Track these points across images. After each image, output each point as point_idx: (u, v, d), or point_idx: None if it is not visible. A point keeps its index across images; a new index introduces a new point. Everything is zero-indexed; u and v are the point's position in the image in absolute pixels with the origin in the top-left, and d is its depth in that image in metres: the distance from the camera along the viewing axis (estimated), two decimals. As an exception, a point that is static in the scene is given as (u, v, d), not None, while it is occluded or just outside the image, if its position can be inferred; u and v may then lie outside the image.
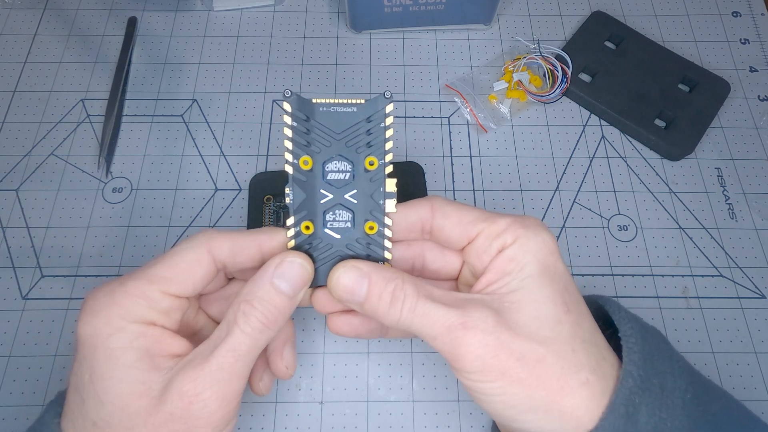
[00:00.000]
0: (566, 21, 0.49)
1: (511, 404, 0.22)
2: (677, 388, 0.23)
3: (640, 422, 0.22)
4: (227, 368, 0.22)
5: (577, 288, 0.24)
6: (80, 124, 0.44)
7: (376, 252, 0.25)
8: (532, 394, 0.22)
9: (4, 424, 0.34)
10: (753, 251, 0.40)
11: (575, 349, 0.22)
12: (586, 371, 0.22)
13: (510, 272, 0.23)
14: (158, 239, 0.39)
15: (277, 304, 0.23)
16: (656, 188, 0.42)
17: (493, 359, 0.22)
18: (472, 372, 0.22)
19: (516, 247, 0.24)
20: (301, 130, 0.25)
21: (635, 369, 0.22)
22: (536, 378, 0.22)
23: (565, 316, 0.23)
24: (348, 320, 0.26)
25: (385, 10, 0.45)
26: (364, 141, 0.25)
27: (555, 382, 0.22)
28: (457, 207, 0.25)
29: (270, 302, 0.23)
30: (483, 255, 0.24)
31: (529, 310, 0.23)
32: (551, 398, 0.22)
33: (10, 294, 0.37)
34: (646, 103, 0.44)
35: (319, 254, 0.25)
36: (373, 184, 0.25)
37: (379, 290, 0.23)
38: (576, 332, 0.23)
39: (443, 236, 0.26)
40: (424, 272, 0.27)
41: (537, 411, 0.22)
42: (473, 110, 0.44)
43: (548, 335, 0.22)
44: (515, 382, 0.22)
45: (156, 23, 0.48)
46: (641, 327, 0.24)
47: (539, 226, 0.24)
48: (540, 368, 0.22)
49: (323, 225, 0.25)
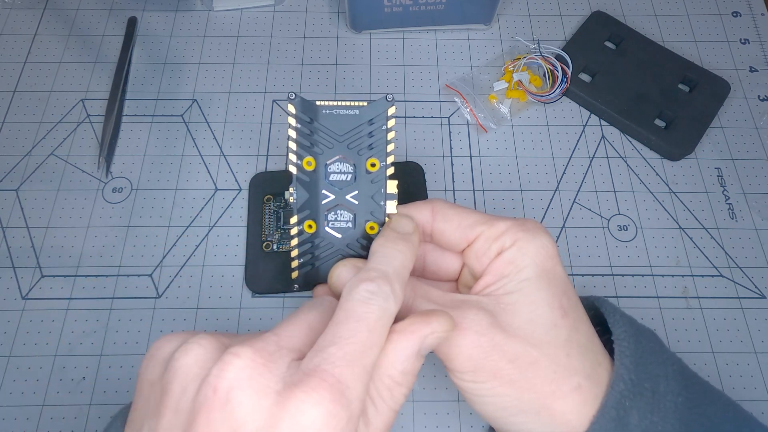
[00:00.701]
0: (566, 21, 0.49)
1: (502, 406, 0.22)
2: (670, 392, 0.23)
3: (631, 425, 0.22)
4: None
5: (575, 293, 0.24)
6: (80, 124, 0.44)
7: None
8: (523, 396, 0.22)
9: (4, 424, 0.34)
10: (753, 251, 0.40)
11: (570, 353, 0.22)
12: (580, 376, 0.22)
13: (508, 275, 0.23)
14: (158, 239, 0.39)
15: (417, 372, 0.22)
16: (656, 188, 0.42)
17: (486, 360, 0.22)
18: (464, 372, 0.22)
19: (514, 250, 0.24)
20: (304, 131, 0.25)
21: (626, 373, 0.22)
22: (528, 380, 0.22)
23: (562, 320, 0.23)
24: None
25: (385, 10, 0.45)
26: (366, 143, 0.25)
27: (547, 386, 0.22)
28: (458, 210, 0.25)
29: (413, 373, 0.21)
30: (482, 257, 0.24)
31: (524, 313, 0.23)
32: (542, 401, 0.22)
33: (10, 294, 0.37)
34: (646, 103, 0.44)
35: (321, 252, 0.26)
36: (374, 185, 0.26)
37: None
38: (572, 337, 0.23)
39: (443, 238, 0.26)
40: (424, 273, 0.27)
41: (527, 413, 0.22)
42: (473, 110, 0.44)
43: (543, 338, 0.22)
44: (506, 383, 0.22)
45: (156, 23, 0.48)
46: (635, 330, 0.24)
47: (539, 229, 0.24)
48: (532, 371, 0.22)
49: (325, 224, 0.26)
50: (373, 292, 0.20)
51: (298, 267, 0.26)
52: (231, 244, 0.39)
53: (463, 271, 0.27)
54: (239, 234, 0.40)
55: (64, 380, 0.35)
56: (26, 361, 0.36)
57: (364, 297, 0.20)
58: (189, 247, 0.39)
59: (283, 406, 0.18)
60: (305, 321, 0.21)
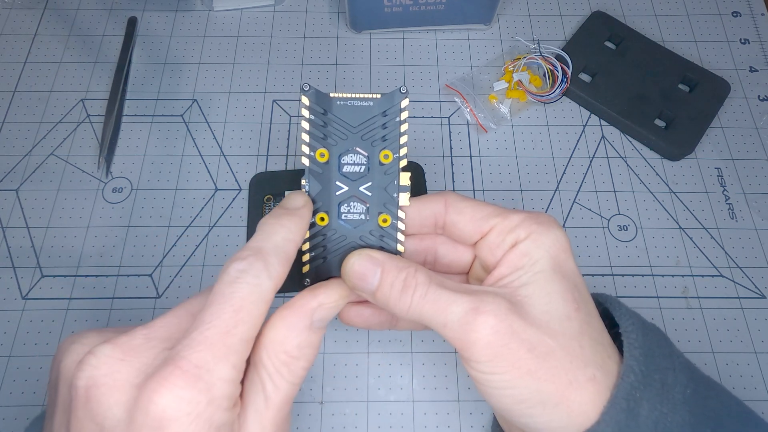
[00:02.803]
0: (566, 21, 0.49)
1: (521, 398, 0.22)
2: (678, 384, 0.23)
3: (641, 416, 0.22)
4: (284, 415, 0.22)
5: (587, 287, 0.24)
6: (80, 124, 0.44)
7: (389, 244, 0.25)
8: (542, 387, 0.22)
9: (4, 424, 0.34)
10: (753, 251, 0.40)
11: (583, 345, 0.23)
12: (593, 367, 0.22)
13: (522, 266, 0.23)
14: (158, 239, 0.39)
15: (316, 343, 0.23)
16: (656, 188, 0.42)
17: (504, 348, 0.22)
18: (481, 362, 0.22)
19: (529, 242, 0.24)
20: (318, 123, 0.25)
21: (636, 364, 0.22)
22: (547, 371, 0.22)
23: (575, 313, 0.23)
24: (359, 311, 0.27)
25: (385, 10, 0.45)
26: (379, 135, 0.25)
27: (564, 376, 0.22)
28: (471, 203, 0.26)
29: (310, 347, 0.22)
30: (496, 249, 0.24)
31: (540, 304, 0.23)
32: (561, 392, 0.22)
33: (10, 294, 0.37)
34: (646, 103, 0.44)
35: (333, 245, 0.26)
36: (387, 177, 0.26)
37: (391, 278, 0.23)
38: (584, 329, 0.23)
39: (456, 231, 0.26)
40: (435, 266, 0.28)
41: (546, 405, 0.22)
42: (473, 110, 0.44)
43: (558, 329, 0.22)
44: (525, 374, 0.22)
45: (156, 23, 0.48)
46: (642, 324, 0.24)
47: (553, 223, 0.24)
48: (550, 361, 0.22)
49: (338, 216, 0.25)
50: (242, 270, 0.20)
51: (309, 261, 0.26)
52: (231, 244, 0.39)
53: (474, 265, 0.27)
54: (239, 234, 0.40)
55: (64, 380, 0.35)
56: (26, 361, 0.36)
57: (232, 277, 0.20)
58: (189, 247, 0.39)
59: (139, 397, 0.18)
60: (186, 309, 0.22)
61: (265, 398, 0.21)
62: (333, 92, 0.25)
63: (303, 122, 0.25)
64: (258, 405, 0.21)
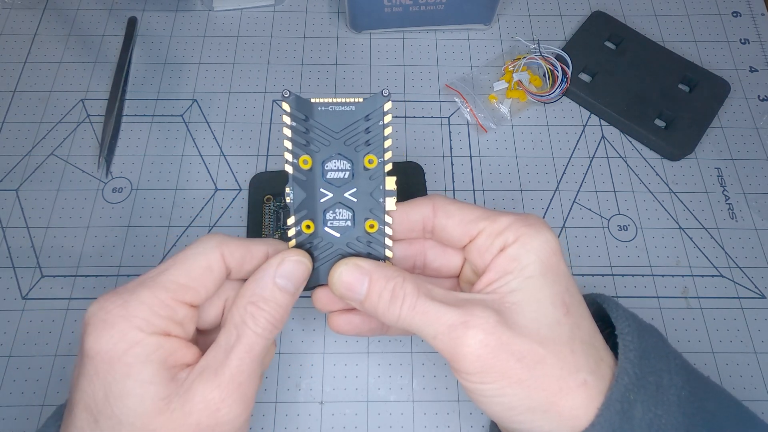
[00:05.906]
0: (566, 21, 0.49)
1: (510, 405, 0.22)
2: (673, 385, 0.23)
3: (636, 418, 0.22)
4: (246, 370, 0.22)
5: (578, 289, 0.24)
6: (80, 124, 0.44)
7: (377, 250, 0.25)
8: (531, 395, 0.22)
9: (4, 424, 0.34)
10: (753, 251, 0.40)
11: (574, 350, 0.22)
12: (585, 372, 0.22)
13: (511, 271, 0.23)
14: (158, 239, 0.39)
15: (282, 303, 0.23)
16: (656, 188, 0.42)
17: (494, 359, 0.22)
18: (472, 373, 0.22)
19: (518, 246, 0.23)
20: (300, 129, 0.25)
21: (631, 366, 0.22)
22: (536, 379, 0.22)
23: (565, 317, 0.23)
24: (349, 319, 0.26)
25: (385, 10, 0.45)
26: (363, 139, 0.25)
27: (554, 383, 0.22)
28: (459, 205, 0.25)
29: (275, 301, 0.23)
30: (485, 253, 0.24)
31: (529, 311, 0.23)
32: (550, 399, 0.22)
33: (10, 294, 0.37)
34: (646, 103, 0.44)
35: (320, 253, 0.25)
36: (372, 182, 0.25)
37: (379, 288, 0.23)
38: (575, 334, 0.23)
39: (445, 235, 0.26)
40: (425, 270, 0.27)
41: (535, 412, 0.22)
42: (473, 110, 0.44)
43: (548, 336, 0.22)
44: (515, 383, 0.22)
45: (156, 23, 0.48)
46: (638, 325, 0.24)
47: (542, 224, 0.24)
48: (540, 369, 0.22)
49: (324, 224, 0.25)
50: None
51: None
52: (231, 244, 0.39)
53: (464, 268, 0.27)
54: (239, 234, 0.40)
55: (64, 380, 0.35)
56: (26, 361, 0.36)
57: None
58: (189, 247, 0.39)
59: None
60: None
61: (226, 347, 0.22)
62: (314, 98, 0.25)
63: (285, 129, 0.25)
64: (217, 353, 0.22)
